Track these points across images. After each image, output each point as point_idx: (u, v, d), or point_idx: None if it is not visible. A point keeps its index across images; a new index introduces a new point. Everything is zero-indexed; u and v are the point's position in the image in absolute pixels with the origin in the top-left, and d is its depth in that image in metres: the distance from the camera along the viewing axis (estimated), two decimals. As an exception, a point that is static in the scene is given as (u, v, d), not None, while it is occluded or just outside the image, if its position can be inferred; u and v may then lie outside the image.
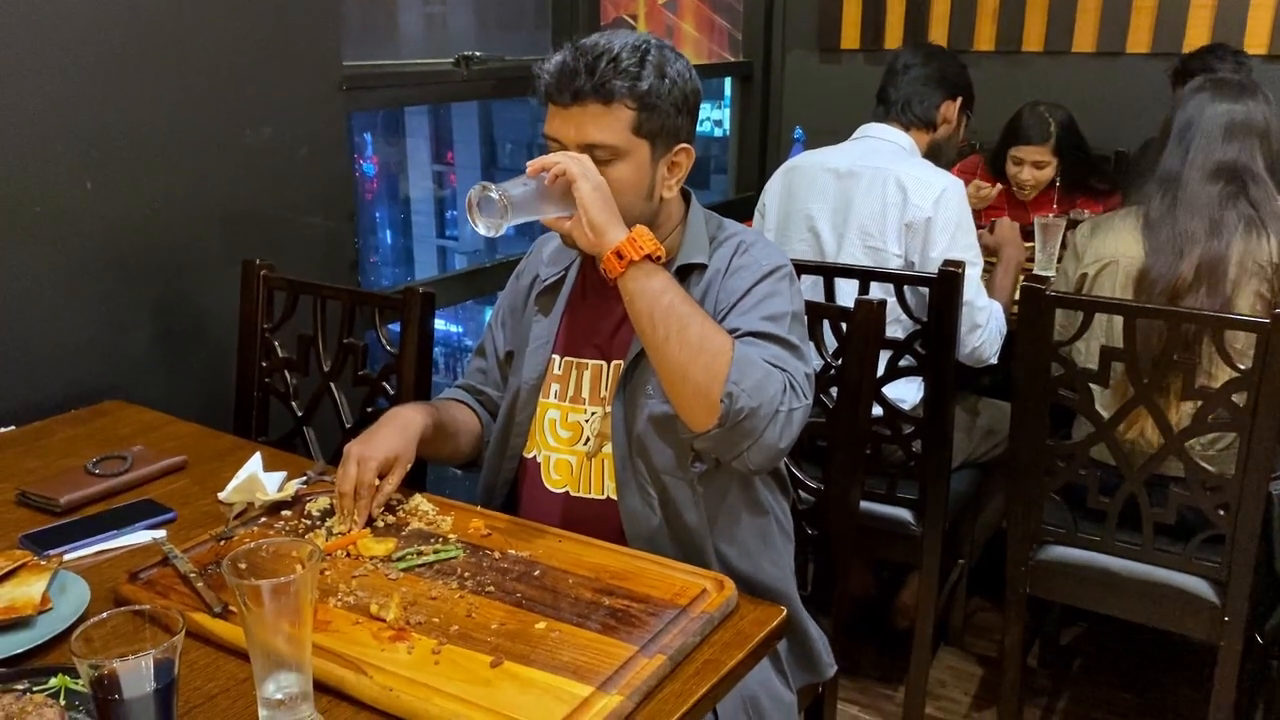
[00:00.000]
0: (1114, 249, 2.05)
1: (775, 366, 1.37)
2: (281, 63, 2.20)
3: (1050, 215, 2.79)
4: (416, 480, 1.67)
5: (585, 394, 1.54)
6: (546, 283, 1.61)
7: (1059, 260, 2.59)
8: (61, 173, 1.87)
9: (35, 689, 1.07)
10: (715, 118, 8.33)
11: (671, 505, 1.47)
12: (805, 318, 1.51)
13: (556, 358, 1.57)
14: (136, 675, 0.90)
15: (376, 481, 1.43)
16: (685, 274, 1.49)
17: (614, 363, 1.52)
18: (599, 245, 1.36)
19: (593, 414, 1.52)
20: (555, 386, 1.56)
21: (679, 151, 1.47)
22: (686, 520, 1.47)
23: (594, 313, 1.56)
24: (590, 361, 1.55)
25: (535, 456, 1.57)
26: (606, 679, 1.08)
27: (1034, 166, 3.11)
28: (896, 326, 2.14)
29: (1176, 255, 1.97)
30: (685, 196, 1.57)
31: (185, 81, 2.04)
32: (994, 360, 2.35)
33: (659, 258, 1.36)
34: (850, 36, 3.91)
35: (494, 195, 1.32)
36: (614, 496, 1.50)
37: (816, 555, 1.75)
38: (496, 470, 1.61)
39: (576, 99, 1.39)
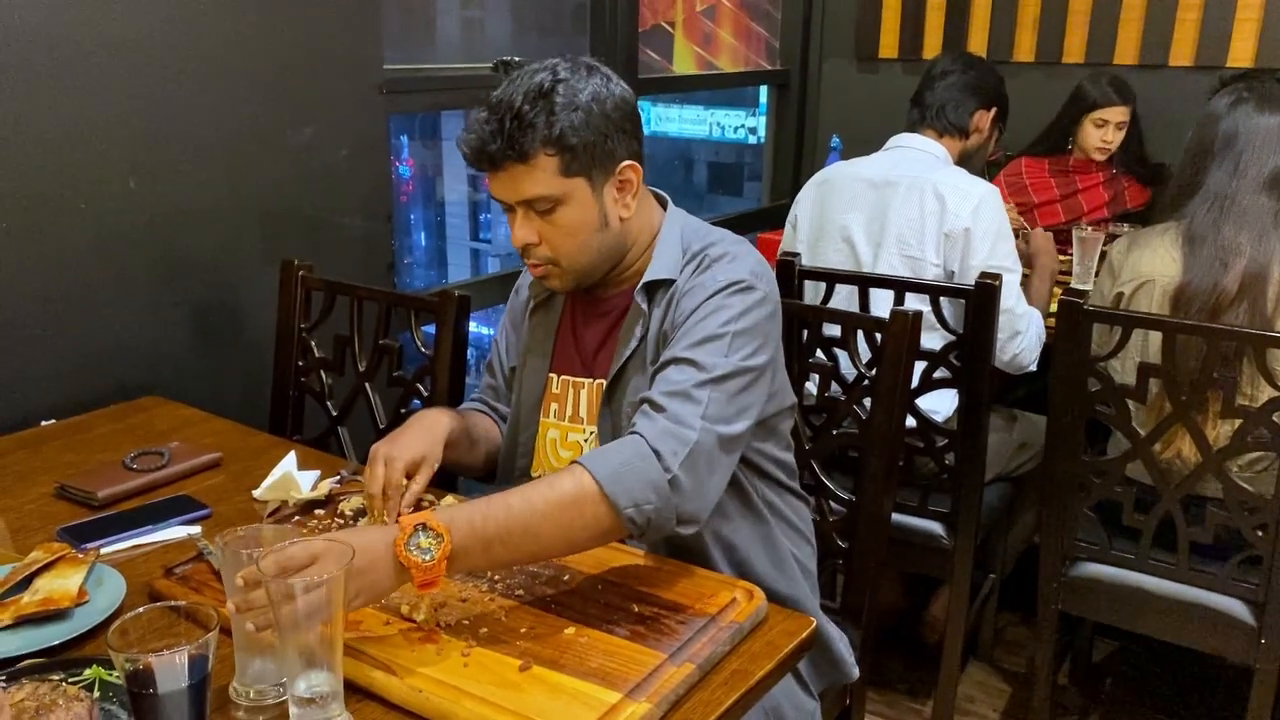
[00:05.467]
0: (1150, 268, 2.03)
1: (656, 407, 1.28)
2: (323, 65, 2.22)
3: (1088, 229, 2.77)
4: (448, 482, 1.68)
5: (583, 413, 1.53)
6: (538, 300, 1.60)
7: (1096, 274, 2.57)
8: (106, 171, 1.90)
9: (71, 680, 1.08)
10: (750, 125, 8.33)
11: None
12: (765, 327, 1.39)
13: (554, 376, 1.57)
14: (171, 670, 0.91)
15: (404, 482, 1.43)
16: (652, 290, 1.46)
17: (597, 381, 1.51)
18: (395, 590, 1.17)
19: (591, 433, 1.51)
20: (554, 406, 1.56)
21: (623, 170, 1.42)
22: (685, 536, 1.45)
23: (581, 331, 1.56)
24: (585, 380, 1.54)
25: (543, 477, 1.56)
26: (635, 686, 1.08)
27: (1117, 127, 3.15)
28: (934, 336, 2.12)
29: (1220, 269, 1.94)
30: (665, 205, 1.54)
31: (228, 83, 2.06)
32: (1033, 368, 2.33)
33: (449, 551, 1.15)
34: (889, 45, 3.89)
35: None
36: None
37: (847, 567, 1.74)
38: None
39: (495, 165, 1.37)
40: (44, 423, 1.83)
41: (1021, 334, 2.29)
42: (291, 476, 1.52)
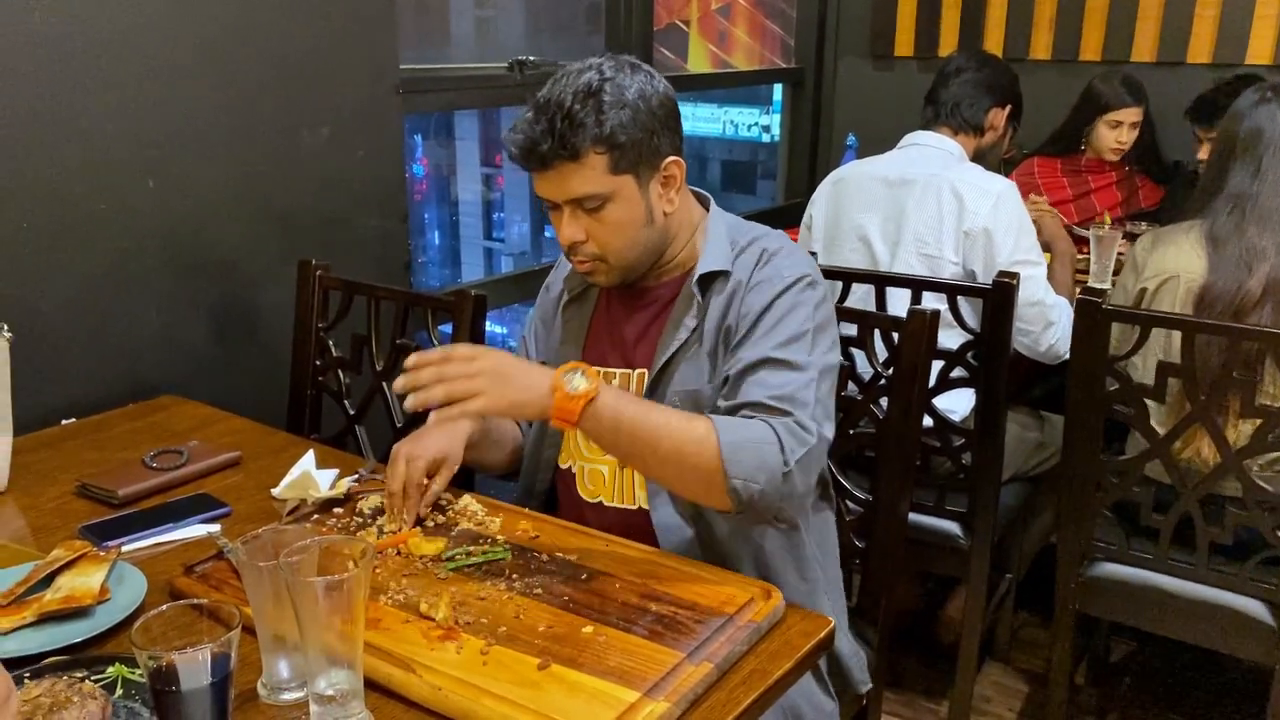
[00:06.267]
0: (1175, 264, 2.01)
1: (774, 410, 1.34)
2: (340, 66, 2.23)
3: (1106, 227, 2.76)
4: (465, 482, 1.68)
5: None
6: (573, 293, 1.62)
7: (1116, 273, 2.56)
8: (125, 172, 1.91)
9: (93, 677, 1.09)
10: (764, 123, 8.31)
11: (702, 516, 1.46)
12: (833, 324, 1.47)
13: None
14: (194, 668, 0.92)
15: (425, 481, 1.44)
16: (707, 283, 1.48)
17: (638, 371, 1.52)
18: (533, 416, 1.35)
19: None
20: None
21: (667, 166, 1.44)
22: (717, 531, 1.45)
23: (619, 322, 1.56)
24: (617, 370, 1.55)
25: (570, 467, 1.57)
26: (653, 685, 1.08)
27: (1131, 128, 3.16)
28: (951, 335, 2.12)
29: (1244, 271, 1.92)
30: (704, 203, 1.56)
31: (246, 83, 2.07)
32: (1068, 356, 2.32)
33: (593, 397, 1.28)
34: (904, 44, 3.88)
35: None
36: (645, 506, 1.49)
37: (864, 566, 1.74)
38: (532, 481, 1.62)
39: (545, 164, 1.38)
40: (64, 422, 1.84)
41: (1055, 324, 2.29)
42: (310, 475, 1.52)
